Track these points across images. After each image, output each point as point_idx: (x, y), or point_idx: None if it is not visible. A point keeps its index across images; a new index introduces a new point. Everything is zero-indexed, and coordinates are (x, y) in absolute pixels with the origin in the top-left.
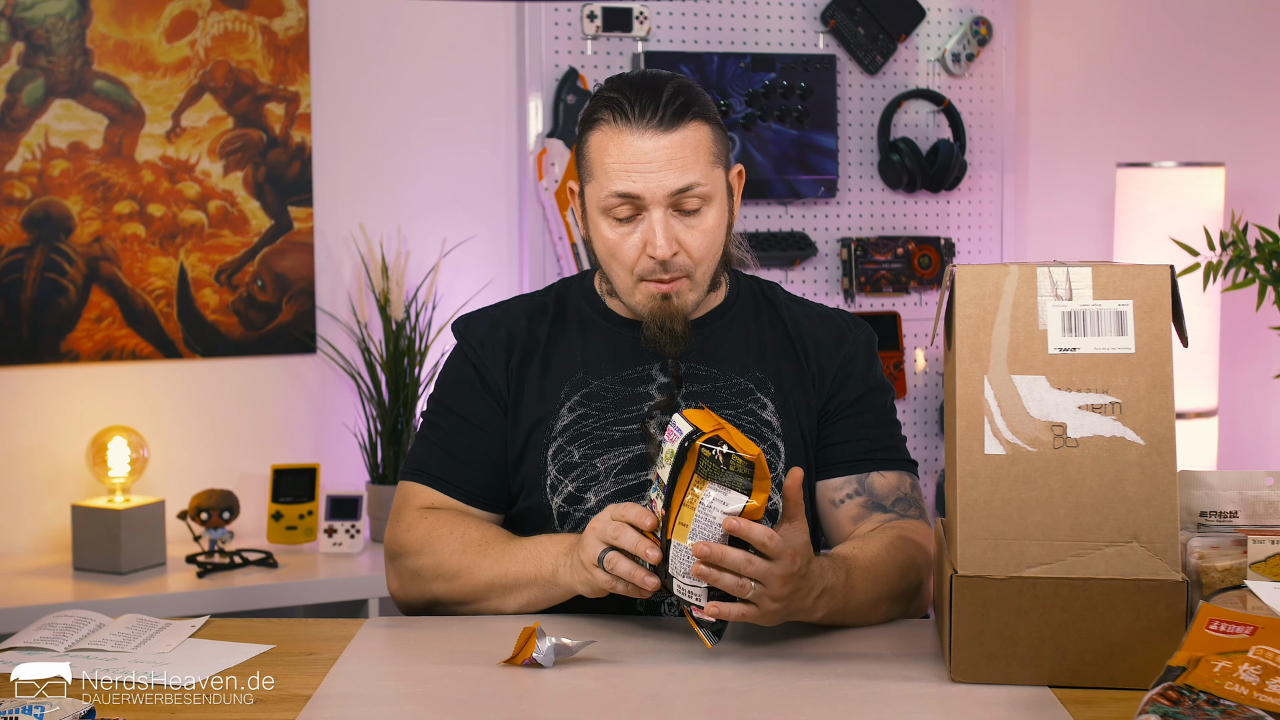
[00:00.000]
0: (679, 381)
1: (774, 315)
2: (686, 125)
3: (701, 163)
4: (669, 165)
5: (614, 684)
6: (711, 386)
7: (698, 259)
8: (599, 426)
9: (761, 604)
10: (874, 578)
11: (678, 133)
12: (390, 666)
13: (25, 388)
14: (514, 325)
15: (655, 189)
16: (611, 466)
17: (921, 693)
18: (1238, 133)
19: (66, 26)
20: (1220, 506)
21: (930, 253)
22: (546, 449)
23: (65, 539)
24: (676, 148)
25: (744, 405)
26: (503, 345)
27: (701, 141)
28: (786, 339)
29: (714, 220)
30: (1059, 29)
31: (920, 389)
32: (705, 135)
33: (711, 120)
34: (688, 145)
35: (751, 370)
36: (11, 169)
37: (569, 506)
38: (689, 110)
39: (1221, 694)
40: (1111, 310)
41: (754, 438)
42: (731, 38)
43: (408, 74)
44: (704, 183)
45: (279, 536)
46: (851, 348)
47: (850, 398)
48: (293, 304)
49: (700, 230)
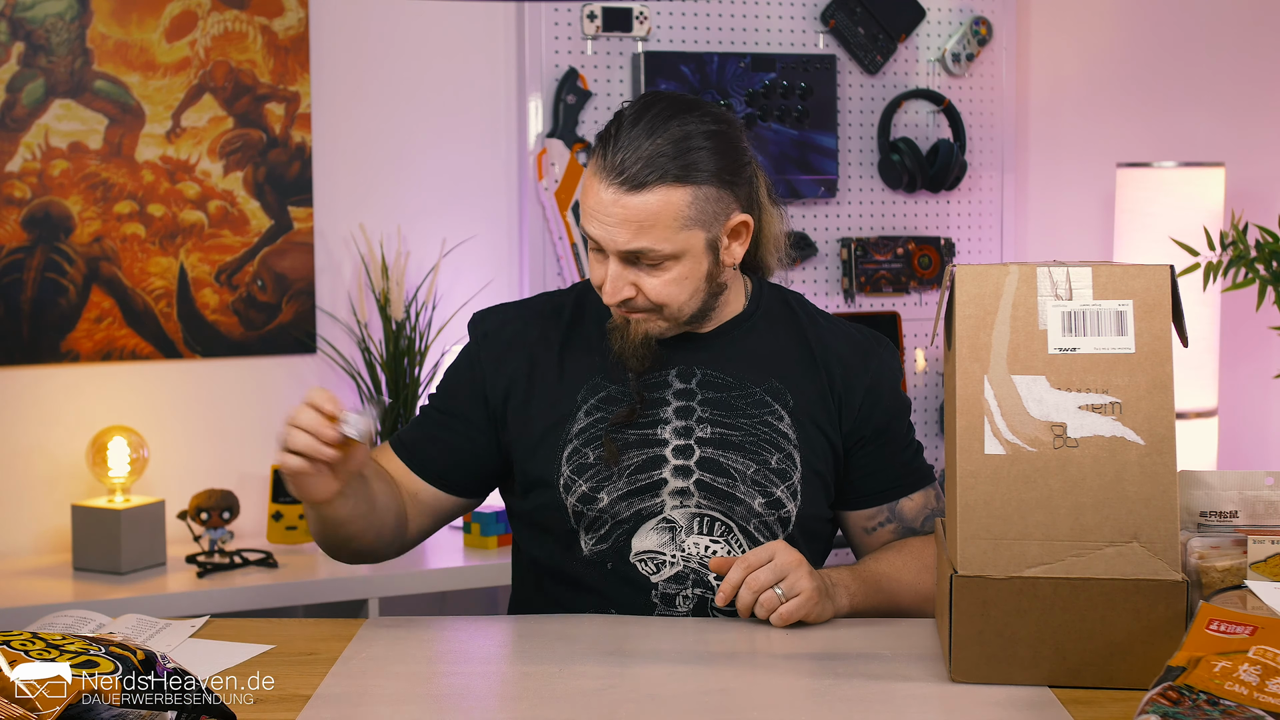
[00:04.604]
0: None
1: (795, 327)
2: (652, 190)
3: (661, 229)
4: (623, 225)
5: (614, 684)
6: (727, 395)
7: (657, 303)
8: (615, 431)
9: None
10: (908, 553)
11: (638, 197)
12: (390, 666)
13: (25, 388)
14: (526, 326)
15: (609, 242)
16: (625, 467)
17: (921, 693)
18: (1238, 133)
19: (66, 26)
20: (1220, 506)
21: (930, 253)
22: (561, 450)
23: (65, 539)
24: (634, 211)
25: (759, 415)
26: (506, 345)
27: (667, 208)
28: (808, 352)
29: (678, 274)
30: (1059, 29)
31: (920, 389)
32: (675, 200)
33: (696, 180)
34: (647, 212)
35: (769, 381)
36: (11, 169)
37: (583, 506)
38: (664, 175)
39: (1221, 694)
40: (1111, 310)
41: (769, 448)
42: (731, 38)
43: (408, 74)
44: (660, 248)
45: (279, 536)
46: (878, 371)
47: (880, 425)
48: (293, 304)
49: (662, 281)
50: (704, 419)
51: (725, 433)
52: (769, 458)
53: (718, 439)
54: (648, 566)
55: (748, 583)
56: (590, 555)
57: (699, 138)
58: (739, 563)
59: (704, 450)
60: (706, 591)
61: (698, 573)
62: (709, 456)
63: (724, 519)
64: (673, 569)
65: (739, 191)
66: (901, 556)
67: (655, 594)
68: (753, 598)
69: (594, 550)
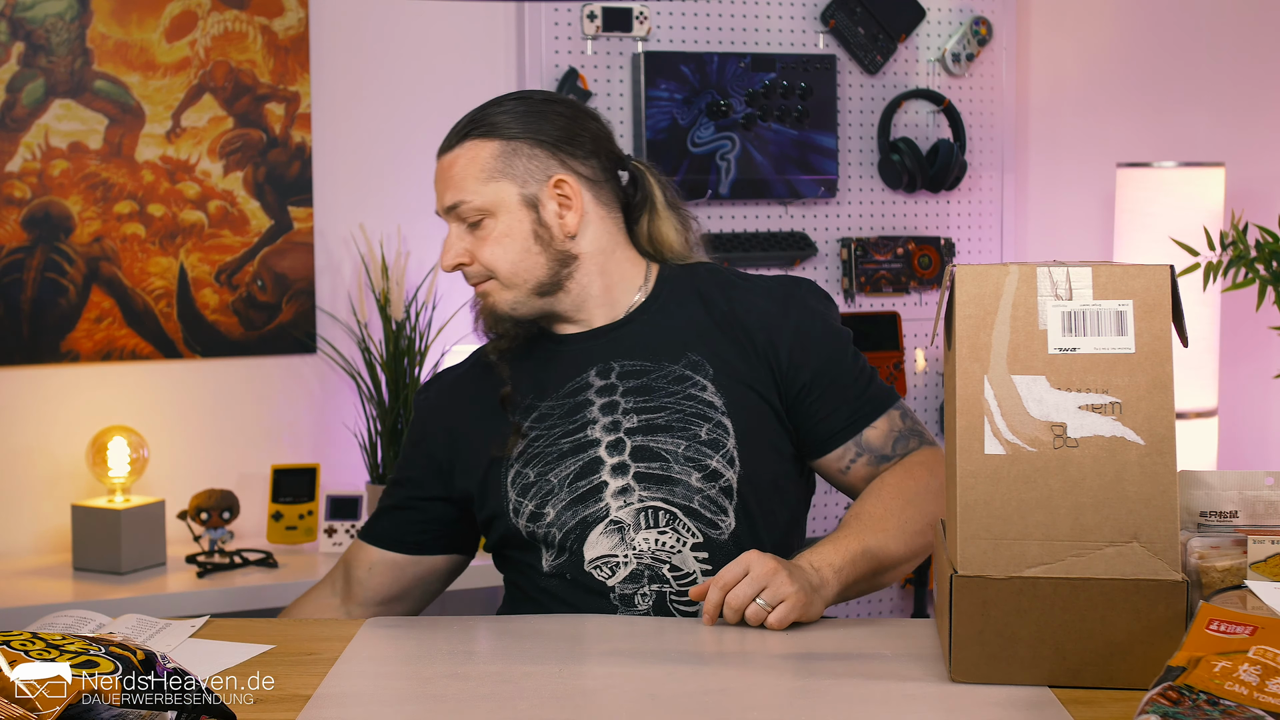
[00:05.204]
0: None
1: (704, 296)
2: (462, 145)
3: (470, 180)
4: (442, 185)
5: (614, 684)
6: (647, 379)
7: (491, 267)
8: (548, 444)
9: (779, 590)
10: (886, 493)
11: (450, 154)
12: (390, 666)
13: (25, 388)
14: (459, 387)
15: (438, 206)
16: (564, 478)
17: (921, 693)
18: (1238, 133)
19: (66, 26)
20: (1220, 506)
21: (930, 253)
22: (506, 476)
23: (65, 539)
24: (446, 168)
25: (683, 390)
26: (447, 413)
27: (473, 160)
28: (723, 317)
29: (499, 231)
30: (1059, 29)
31: (920, 389)
32: (480, 153)
33: (502, 135)
34: (456, 164)
35: (685, 355)
36: (11, 169)
37: (533, 525)
38: (469, 131)
39: (1221, 694)
40: (1111, 310)
41: (697, 421)
42: (731, 38)
43: (408, 74)
44: (471, 199)
45: (279, 536)
46: (800, 314)
47: (818, 366)
48: (293, 304)
49: (486, 242)
50: (629, 409)
51: (651, 417)
52: (698, 430)
53: (645, 425)
54: (603, 571)
55: (728, 601)
56: (550, 570)
57: (511, 102)
58: (714, 584)
59: (634, 440)
60: (664, 586)
61: (652, 568)
62: (640, 444)
63: (666, 507)
64: (627, 568)
65: (567, 159)
66: (881, 502)
67: (614, 596)
68: (736, 616)
69: (553, 565)
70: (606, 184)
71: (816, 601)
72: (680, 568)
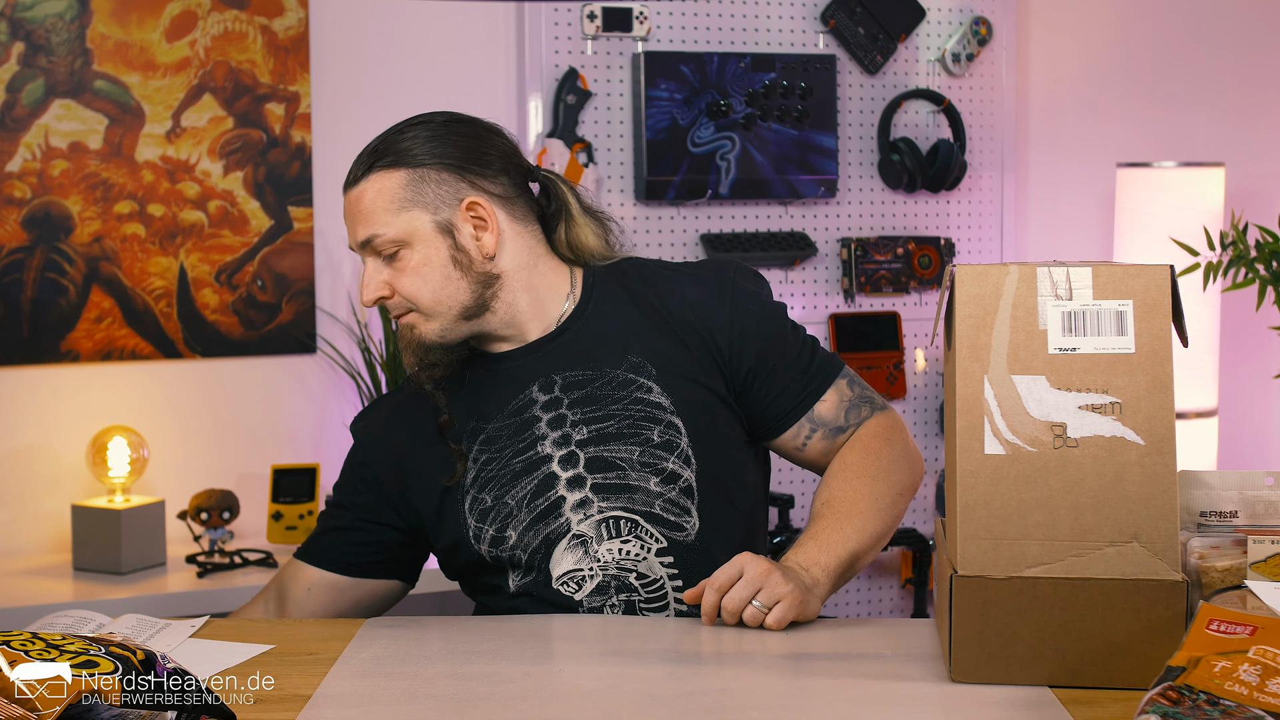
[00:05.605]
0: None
1: (636, 294)
2: (368, 178)
3: (380, 212)
4: (353, 219)
5: (614, 684)
6: (592, 388)
7: (412, 298)
8: (500, 466)
9: (774, 590)
10: (850, 475)
11: (357, 188)
12: (390, 666)
13: (25, 388)
14: (399, 415)
15: (351, 241)
16: (521, 499)
17: (921, 693)
18: (1238, 133)
19: (66, 26)
20: (1220, 506)
21: (930, 253)
22: (463, 503)
23: (65, 539)
24: (355, 202)
25: (629, 395)
26: (391, 441)
27: (381, 191)
28: (656, 314)
29: (416, 262)
30: (1059, 29)
31: (920, 389)
32: (388, 184)
33: (409, 164)
34: (365, 198)
35: (625, 358)
36: (11, 169)
37: (495, 549)
38: (374, 162)
39: (1221, 694)
40: (1111, 310)
41: (648, 424)
42: (731, 38)
43: (408, 74)
44: (384, 231)
45: (279, 536)
46: (735, 299)
47: (760, 349)
48: (293, 304)
49: (404, 273)
50: (577, 421)
51: (601, 426)
52: (650, 434)
53: (596, 435)
54: (570, 587)
55: (724, 604)
56: (517, 590)
57: (414, 129)
58: (709, 587)
59: (586, 451)
60: (632, 595)
61: (618, 578)
62: (594, 455)
63: (627, 515)
64: (593, 581)
65: (477, 180)
66: (850, 485)
67: (583, 610)
68: (734, 619)
69: (520, 584)
70: (519, 199)
71: (812, 600)
72: (647, 574)
